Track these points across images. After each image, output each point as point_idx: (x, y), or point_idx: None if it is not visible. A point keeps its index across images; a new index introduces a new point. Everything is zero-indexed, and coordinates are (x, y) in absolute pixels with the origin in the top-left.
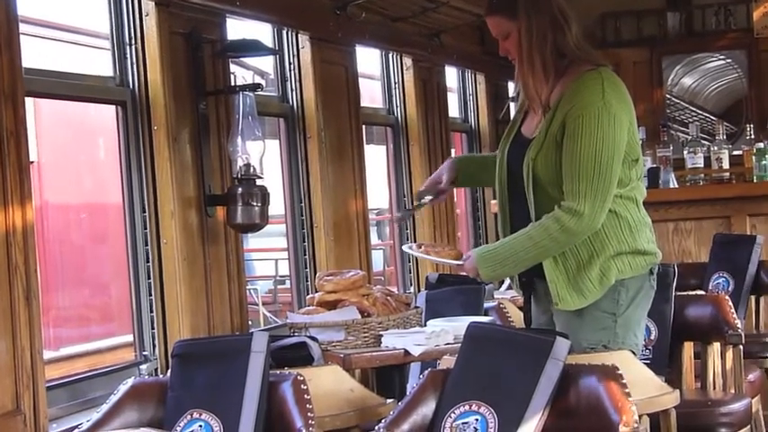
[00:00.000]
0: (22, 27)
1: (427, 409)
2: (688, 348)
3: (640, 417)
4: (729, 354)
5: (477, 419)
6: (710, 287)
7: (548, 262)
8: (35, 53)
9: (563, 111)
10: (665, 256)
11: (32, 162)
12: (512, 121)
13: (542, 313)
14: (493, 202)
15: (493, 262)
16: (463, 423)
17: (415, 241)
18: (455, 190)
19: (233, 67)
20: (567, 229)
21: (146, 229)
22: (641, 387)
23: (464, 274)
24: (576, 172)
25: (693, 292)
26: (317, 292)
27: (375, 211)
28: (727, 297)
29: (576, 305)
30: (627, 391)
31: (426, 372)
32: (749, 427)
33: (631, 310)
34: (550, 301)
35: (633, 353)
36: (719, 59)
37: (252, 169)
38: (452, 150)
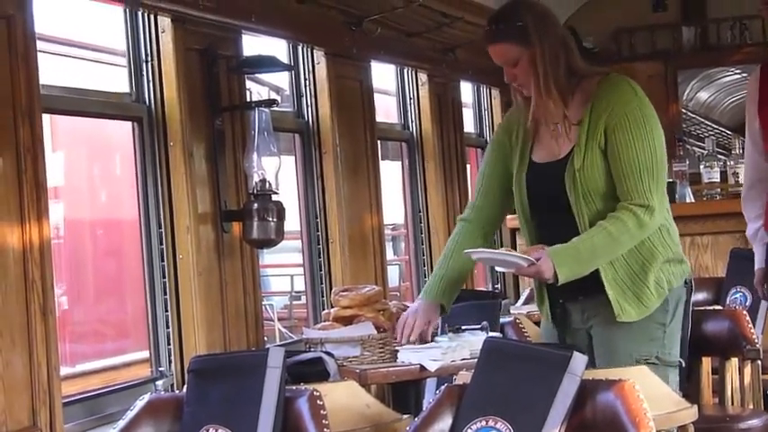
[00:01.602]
0: (39, 44)
1: (444, 424)
2: (706, 364)
3: None
4: (747, 369)
5: None
6: (728, 302)
7: (608, 275)
8: (52, 70)
9: (599, 118)
10: None
11: (48, 179)
12: (514, 150)
13: (576, 330)
14: (509, 216)
15: (573, 260)
16: None
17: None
18: None
19: (248, 83)
20: (643, 224)
21: (162, 244)
22: (659, 402)
23: (529, 276)
24: (638, 169)
25: (711, 307)
26: (332, 307)
27: (390, 227)
28: (744, 312)
29: (638, 316)
30: (644, 406)
31: (443, 387)
32: None
33: (676, 320)
34: (588, 317)
35: (682, 364)
36: (735, 73)
37: (267, 185)
38: (467, 166)
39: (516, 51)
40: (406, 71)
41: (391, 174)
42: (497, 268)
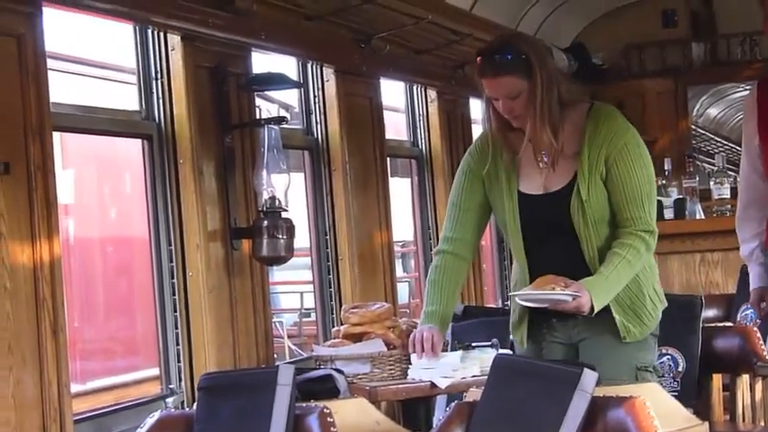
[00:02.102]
0: (50, 62)
1: None
2: (716, 380)
3: None
4: (759, 386)
5: None
6: (738, 318)
7: (613, 300)
8: (62, 88)
9: (599, 149)
10: (691, 287)
11: (58, 196)
12: (493, 181)
13: (552, 345)
14: None
15: (605, 291)
16: None
17: None
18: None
19: (258, 101)
20: (650, 248)
21: (171, 261)
22: (669, 419)
23: (568, 310)
24: (639, 196)
25: (721, 324)
26: (342, 324)
27: (400, 244)
28: (755, 329)
29: (641, 336)
30: (655, 423)
31: (453, 404)
32: None
33: None
34: (579, 332)
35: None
36: (745, 89)
37: (277, 202)
38: None
39: (519, 84)
40: (415, 88)
41: (400, 191)
42: (533, 304)
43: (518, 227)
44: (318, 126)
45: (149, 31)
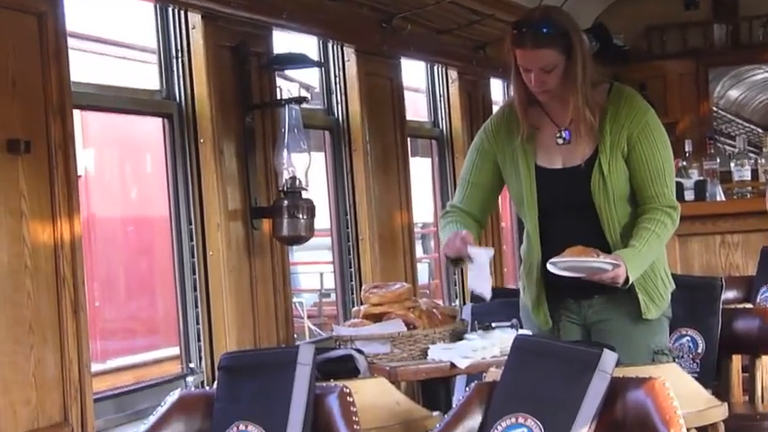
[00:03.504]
0: (71, 41)
1: (473, 422)
2: (736, 362)
3: (688, 430)
4: None
5: None
6: (758, 300)
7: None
8: (83, 67)
9: (621, 127)
10: (711, 269)
11: (80, 176)
12: (508, 157)
13: (569, 327)
14: None
15: (639, 264)
16: None
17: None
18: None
19: (279, 81)
20: (675, 223)
21: (192, 241)
22: (689, 400)
23: (604, 281)
24: (663, 174)
25: (741, 306)
26: (362, 304)
27: (420, 224)
28: None
29: (657, 313)
30: (675, 404)
31: (473, 384)
32: None
33: None
34: (595, 313)
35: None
36: (766, 71)
37: (298, 182)
38: None
39: (556, 58)
40: (436, 68)
41: (421, 171)
42: (569, 273)
43: (535, 201)
44: (339, 106)
45: (170, 10)
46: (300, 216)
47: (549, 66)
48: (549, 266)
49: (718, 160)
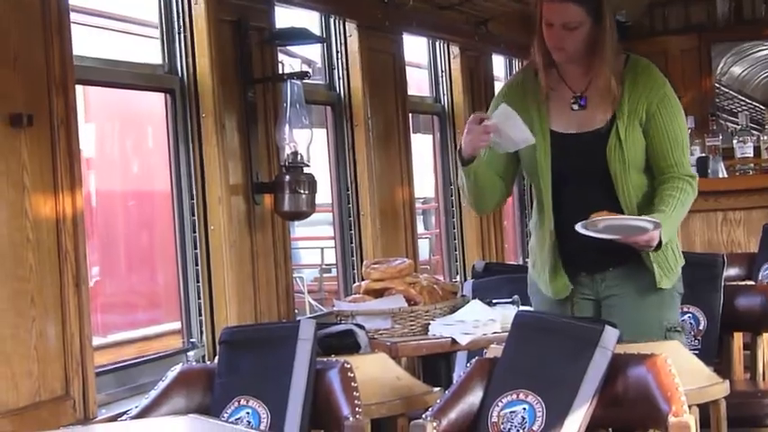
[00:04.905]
0: (73, 16)
1: (474, 397)
2: (737, 339)
3: (690, 407)
4: None
5: (524, 408)
6: (760, 277)
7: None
8: (85, 41)
9: (640, 96)
10: (713, 246)
11: (81, 150)
12: (530, 117)
13: (583, 302)
14: None
15: (669, 229)
16: (511, 412)
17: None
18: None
19: (280, 56)
20: (695, 192)
21: (193, 215)
22: (690, 377)
23: (639, 243)
24: (681, 143)
25: (743, 283)
26: (363, 280)
27: (421, 200)
28: None
29: (670, 283)
30: (676, 380)
31: (474, 360)
32: None
33: None
34: (608, 287)
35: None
36: None
37: (299, 157)
38: None
39: (582, 17)
40: (437, 44)
41: (422, 147)
42: (603, 235)
43: (549, 167)
44: (341, 81)
45: None
46: (302, 191)
47: (572, 23)
48: (580, 229)
49: (721, 137)
